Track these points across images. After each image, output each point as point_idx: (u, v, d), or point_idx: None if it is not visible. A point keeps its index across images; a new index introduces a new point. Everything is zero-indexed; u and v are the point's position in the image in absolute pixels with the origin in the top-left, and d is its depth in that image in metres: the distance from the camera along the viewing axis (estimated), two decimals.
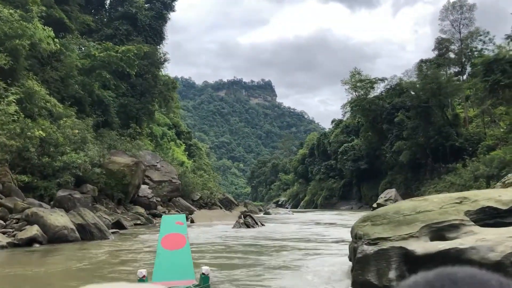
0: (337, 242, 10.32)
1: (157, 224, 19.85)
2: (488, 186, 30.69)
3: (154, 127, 45.02)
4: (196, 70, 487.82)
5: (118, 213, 19.74)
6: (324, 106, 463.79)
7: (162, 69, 37.07)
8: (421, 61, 56.34)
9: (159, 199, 26.61)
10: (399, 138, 56.35)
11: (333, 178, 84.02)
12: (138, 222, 19.25)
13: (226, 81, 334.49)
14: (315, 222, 19.59)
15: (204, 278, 3.80)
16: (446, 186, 45.60)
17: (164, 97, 35.71)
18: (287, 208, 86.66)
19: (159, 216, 23.22)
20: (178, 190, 29.43)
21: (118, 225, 15.45)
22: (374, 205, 35.52)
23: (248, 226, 14.49)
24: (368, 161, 68.28)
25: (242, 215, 15.44)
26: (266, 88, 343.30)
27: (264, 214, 37.00)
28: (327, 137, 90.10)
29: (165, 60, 35.91)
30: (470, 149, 48.18)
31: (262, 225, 15.67)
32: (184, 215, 4.52)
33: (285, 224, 18.46)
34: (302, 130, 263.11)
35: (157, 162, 29.40)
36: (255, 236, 12.52)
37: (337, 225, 16.94)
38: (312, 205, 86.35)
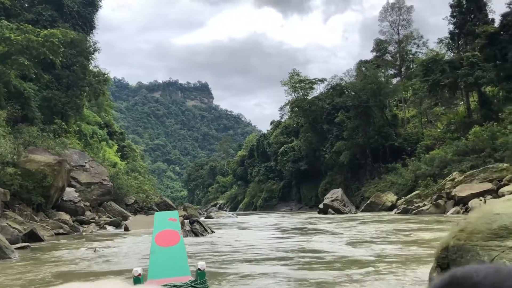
0: (355, 265, 7.07)
1: (83, 233, 16.90)
2: (436, 183, 30.48)
3: (83, 125, 41.15)
4: (129, 71, 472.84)
5: (36, 221, 16.65)
6: (260, 109, 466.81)
7: (92, 60, 33.67)
8: (361, 62, 56.66)
9: (87, 203, 23.47)
10: (339, 139, 56.15)
11: (273, 179, 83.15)
12: (61, 231, 16.27)
13: (161, 82, 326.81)
14: (274, 227, 17.29)
15: (200, 273, 3.60)
16: (387, 185, 45.69)
17: (94, 90, 32.22)
18: (225, 210, 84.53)
19: (87, 223, 20.25)
20: (110, 193, 26.36)
21: (33, 236, 12.52)
22: (320, 205, 34.52)
23: (196, 234, 12.17)
24: (308, 161, 67.81)
25: (188, 221, 13.00)
26: (203, 90, 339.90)
27: (206, 218, 34.62)
28: (267, 138, 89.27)
29: (95, 50, 32.53)
30: (409, 149, 48.75)
31: (212, 232, 13.65)
32: (177, 212, 4.25)
33: (239, 230, 16.09)
34: (240, 133, 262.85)
35: (86, 162, 26.16)
36: (211, 251, 9.64)
37: (309, 231, 14.74)
38: (251, 207, 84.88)
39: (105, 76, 34.12)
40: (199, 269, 3.57)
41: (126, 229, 17.03)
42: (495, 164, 24.64)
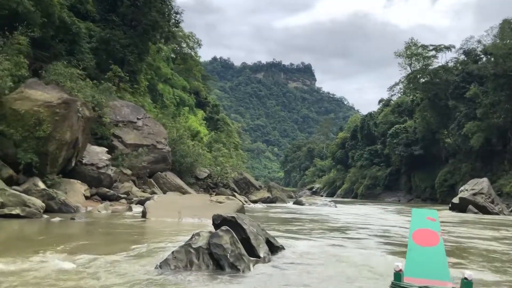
0: None
1: (59, 218, 9.71)
2: None
3: (161, 85, 35.53)
4: (232, 52, 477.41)
5: (19, 191, 10.29)
6: (361, 93, 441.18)
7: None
8: (506, 21, 44.05)
9: (129, 171, 17.06)
10: (469, 118, 44.70)
11: (378, 165, 73.04)
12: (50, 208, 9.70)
13: (264, 63, 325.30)
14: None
15: (467, 284, 3.18)
16: None
17: (163, 31, 25.72)
18: (322, 196, 76.32)
19: (115, 198, 13.63)
20: (166, 161, 19.78)
21: None
22: (455, 199, 25.01)
23: (220, 264, 4.19)
24: (424, 145, 56.88)
25: (215, 220, 5.11)
26: (306, 71, 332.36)
27: (294, 203, 27.01)
28: (373, 118, 78.68)
29: None
30: None
31: (273, 250, 5.38)
32: (436, 211, 3.86)
33: (341, 249, 6.77)
34: (341, 117, 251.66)
35: (139, 119, 19.80)
36: None
37: None
38: (351, 195, 76.02)
39: (177, 16, 27.54)
40: (465, 278, 3.22)
41: (144, 215, 10.06)
42: None
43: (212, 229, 5.00)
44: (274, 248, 5.41)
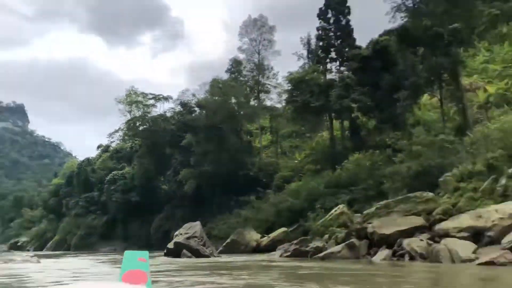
0: None
1: None
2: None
3: None
4: None
5: None
6: (80, 140, 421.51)
7: None
8: (215, 80, 49.66)
9: None
10: (185, 165, 47.39)
11: (94, 213, 69.53)
12: None
13: None
14: None
15: None
16: (239, 221, 38.47)
17: None
18: (28, 250, 67.34)
19: None
20: None
21: None
22: (170, 245, 24.82)
23: None
24: (141, 192, 57.13)
25: None
26: (18, 111, 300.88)
27: None
28: (91, 164, 75.38)
29: None
30: (265, 180, 42.66)
31: None
32: (147, 252, 3.20)
33: None
34: (57, 163, 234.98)
35: None
36: None
37: None
38: (64, 247, 69.50)
39: None
40: None
41: None
42: (417, 192, 18.69)
43: None
44: None
